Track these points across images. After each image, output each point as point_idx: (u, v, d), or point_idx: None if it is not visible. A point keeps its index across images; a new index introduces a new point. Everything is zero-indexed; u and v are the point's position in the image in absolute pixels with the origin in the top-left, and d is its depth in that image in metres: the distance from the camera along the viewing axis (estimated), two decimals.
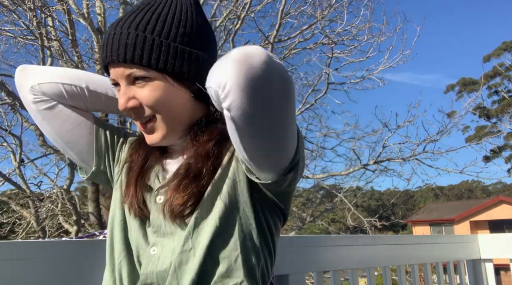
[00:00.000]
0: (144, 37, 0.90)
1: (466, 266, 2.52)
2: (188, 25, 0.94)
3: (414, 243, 2.23)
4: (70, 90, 1.05)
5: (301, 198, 11.96)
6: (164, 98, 0.93)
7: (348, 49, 7.34)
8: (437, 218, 28.16)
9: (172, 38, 0.92)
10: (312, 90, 7.78)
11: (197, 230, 0.90)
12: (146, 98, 0.93)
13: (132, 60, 0.90)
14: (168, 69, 0.91)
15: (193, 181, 0.92)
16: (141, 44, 0.90)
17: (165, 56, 0.90)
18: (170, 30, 0.92)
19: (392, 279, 2.23)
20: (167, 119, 0.96)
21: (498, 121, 31.05)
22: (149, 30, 0.91)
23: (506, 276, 18.61)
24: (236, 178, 0.93)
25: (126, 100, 0.94)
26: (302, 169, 0.96)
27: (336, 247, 1.81)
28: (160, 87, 0.92)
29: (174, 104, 0.94)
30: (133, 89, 0.94)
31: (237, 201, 0.92)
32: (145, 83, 0.92)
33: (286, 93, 0.79)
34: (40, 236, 6.71)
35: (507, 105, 30.45)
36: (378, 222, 9.34)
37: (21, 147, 6.33)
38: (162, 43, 0.90)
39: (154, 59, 0.90)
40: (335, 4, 6.98)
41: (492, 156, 29.41)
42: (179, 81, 0.93)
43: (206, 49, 0.96)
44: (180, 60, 0.92)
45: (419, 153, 8.10)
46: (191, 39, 0.93)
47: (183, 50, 0.92)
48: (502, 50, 33.02)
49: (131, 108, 0.94)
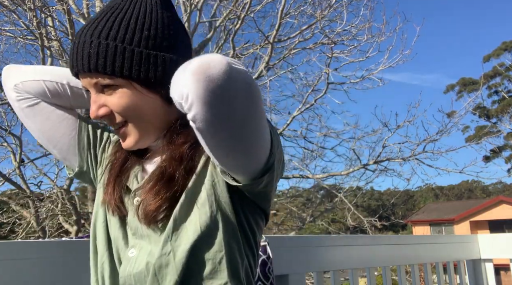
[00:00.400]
0: (107, 44, 0.88)
1: (466, 266, 2.52)
2: (152, 27, 0.91)
3: (414, 243, 2.23)
4: (51, 86, 1.06)
5: (301, 198, 11.95)
6: (132, 104, 0.92)
7: (348, 49, 7.35)
8: (437, 218, 28.16)
9: (136, 43, 0.89)
10: (312, 90, 7.78)
11: (176, 233, 0.90)
12: (115, 106, 0.92)
13: (96, 69, 0.89)
14: (133, 76, 0.89)
15: (167, 185, 0.91)
16: (103, 53, 0.88)
17: (129, 63, 0.89)
18: (133, 35, 0.90)
19: (392, 279, 2.23)
20: (138, 125, 0.95)
21: (498, 121, 31.05)
22: (111, 37, 0.89)
23: (506, 276, 18.61)
24: (214, 180, 0.92)
25: (96, 108, 0.93)
26: (280, 169, 0.96)
27: (336, 247, 1.81)
28: (128, 94, 0.91)
29: (144, 110, 0.93)
30: (103, 96, 0.93)
31: (218, 202, 0.91)
32: (112, 91, 0.92)
33: (250, 100, 0.78)
34: (40, 236, 6.71)
35: (507, 105, 30.45)
36: (378, 222, 9.34)
37: (21, 147, 6.33)
38: (126, 50, 0.89)
39: (117, 67, 0.89)
40: (335, 4, 6.99)
41: (492, 156, 29.41)
42: (147, 86, 0.91)
43: (175, 49, 0.93)
44: (145, 66, 0.90)
45: (419, 153, 8.11)
46: (156, 42, 0.91)
47: (148, 54, 0.90)
48: (502, 50, 33.01)
49: (102, 116, 0.94)
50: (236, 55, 6.81)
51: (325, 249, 1.76)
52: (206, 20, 7.79)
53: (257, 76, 7.11)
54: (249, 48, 7.30)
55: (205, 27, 8.42)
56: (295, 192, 10.97)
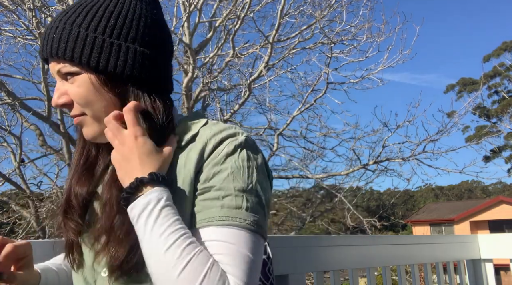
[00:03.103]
0: (70, 30, 0.86)
1: (466, 266, 2.52)
2: (121, 17, 0.88)
3: (414, 243, 2.23)
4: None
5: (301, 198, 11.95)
6: (89, 94, 0.87)
7: (348, 49, 7.36)
8: (437, 218, 28.17)
9: (100, 31, 0.86)
10: (312, 90, 7.79)
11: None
12: (73, 94, 0.89)
13: (56, 54, 0.86)
14: (92, 64, 0.85)
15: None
16: (65, 38, 0.86)
17: (89, 50, 0.85)
18: (99, 22, 0.86)
19: (392, 279, 2.23)
20: (94, 117, 0.89)
21: (498, 121, 31.06)
22: (76, 23, 0.86)
23: (506, 276, 18.61)
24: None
25: (58, 96, 0.90)
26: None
27: (336, 247, 1.81)
28: (85, 83, 0.87)
29: (100, 102, 0.88)
30: (66, 84, 0.90)
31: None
32: (73, 79, 0.88)
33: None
34: (40, 236, 6.71)
35: (507, 105, 30.45)
36: (378, 222, 9.35)
37: (21, 147, 6.33)
38: (87, 36, 0.85)
39: (77, 53, 0.85)
40: (335, 4, 6.99)
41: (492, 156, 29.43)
42: (107, 77, 0.87)
43: (144, 43, 0.89)
44: (106, 54, 0.86)
45: (419, 153, 8.12)
46: (122, 32, 0.87)
47: (111, 43, 0.86)
48: (502, 50, 33.03)
49: (63, 104, 0.90)
50: (236, 55, 6.81)
51: (325, 249, 1.76)
52: (206, 20, 7.79)
53: (257, 76, 7.11)
54: (249, 48, 7.30)
55: (205, 27, 8.43)
56: (295, 192, 10.97)
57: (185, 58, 7.29)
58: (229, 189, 0.81)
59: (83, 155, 0.98)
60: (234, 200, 0.80)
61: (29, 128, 7.02)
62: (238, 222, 0.79)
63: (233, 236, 0.78)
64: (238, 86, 8.08)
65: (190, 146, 0.87)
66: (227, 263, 0.75)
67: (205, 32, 8.32)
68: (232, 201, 0.80)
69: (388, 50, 7.44)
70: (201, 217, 0.81)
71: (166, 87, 0.93)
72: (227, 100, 8.93)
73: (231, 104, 8.78)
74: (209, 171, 0.83)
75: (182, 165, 0.86)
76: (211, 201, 0.81)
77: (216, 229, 0.78)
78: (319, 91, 7.76)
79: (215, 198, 0.81)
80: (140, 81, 0.88)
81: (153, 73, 0.89)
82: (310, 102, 7.78)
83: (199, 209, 0.81)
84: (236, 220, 0.79)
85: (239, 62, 7.69)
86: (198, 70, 7.20)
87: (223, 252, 0.76)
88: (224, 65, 7.51)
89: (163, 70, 0.92)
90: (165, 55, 0.93)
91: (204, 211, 0.81)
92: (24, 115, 6.68)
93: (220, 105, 8.01)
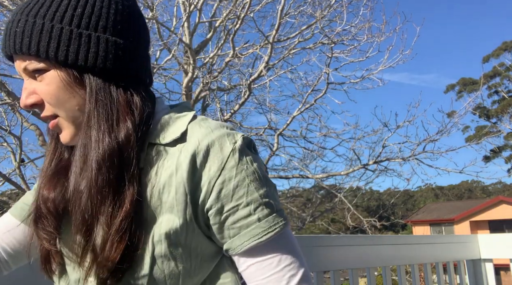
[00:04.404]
0: (33, 22, 0.77)
1: (466, 266, 2.51)
2: (89, 5, 0.79)
3: (414, 243, 2.23)
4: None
5: (301, 198, 11.96)
6: (60, 92, 0.79)
7: (348, 49, 7.35)
8: (437, 218, 28.16)
9: (67, 21, 0.77)
10: (312, 90, 7.78)
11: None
12: (42, 93, 0.80)
13: (20, 50, 0.78)
14: (59, 58, 0.77)
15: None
16: (29, 31, 0.77)
17: (56, 42, 0.77)
18: (64, 12, 0.78)
19: (392, 279, 2.23)
20: (69, 116, 0.81)
21: (498, 121, 31.06)
22: (40, 15, 0.78)
23: (506, 276, 18.61)
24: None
25: (26, 96, 0.82)
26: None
27: (336, 247, 1.81)
28: (55, 80, 0.79)
29: (73, 100, 0.80)
30: (34, 83, 0.81)
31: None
32: (42, 77, 0.80)
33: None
34: None
35: (507, 105, 30.44)
36: (378, 222, 9.35)
37: (21, 147, 6.32)
38: (53, 28, 0.77)
39: (43, 47, 0.77)
40: (335, 4, 6.99)
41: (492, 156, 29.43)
42: (79, 71, 0.79)
43: (116, 32, 0.81)
44: (74, 45, 0.77)
45: (419, 153, 8.11)
46: (91, 21, 0.79)
47: (80, 34, 0.77)
48: (502, 50, 33.02)
49: (32, 105, 0.82)
50: (236, 55, 6.81)
51: (325, 249, 1.76)
52: (206, 20, 7.78)
53: (257, 76, 7.11)
54: (249, 48, 7.30)
55: (205, 27, 8.43)
56: (295, 192, 10.98)
57: (185, 58, 7.30)
58: (256, 200, 0.78)
59: (54, 158, 0.89)
60: (265, 208, 0.79)
61: (29, 128, 7.01)
62: (279, 228, 0.79)
63: (279, 240, 0.80)
64: (238, 86, 8.08)
65: (178, 146, 0.80)
66: (289, 269, 0.80)
67: (205, 32, 8.33)
68: (264, 210, 0.79)
69: (388, 50, 7.45)
70: (244, 238, 0.79)
71: (143, 79, 0.85)
72: (227, 100, 8.94)
73: (231, 104, 8.79)
74: (224, 188, 0.78)
75: (174, 171, 0.78)
76: (245, 219, 0.78)
77: (264, 243, 0.79)
78: (319, 91, 7.76)
79: (247, 215, 0.78)
80: (115, 74, 0.80)
81: (129, 64, 0.81)
82: (310, 102, 7.78)
83: (236, 232, 0.79)
84: (277, 226, 0.79)
85: (239, 62, 7.69)
86: (198, 70, 7.20)
87: (282, 264, 0.80)
88: (224, 65, 7.50)
89: (139, 61, 0.83)
90: (141, 44, 0.85)
91: (243, 232, 0.78)
92: (24, 115, 6.68)
93: (220, 105, 8.01)
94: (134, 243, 0.76)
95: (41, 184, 0.86)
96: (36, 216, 0.84)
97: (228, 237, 0.79)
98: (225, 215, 0.78)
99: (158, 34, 6.75)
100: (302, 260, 0.82)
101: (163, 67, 7.44)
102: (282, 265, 0.79)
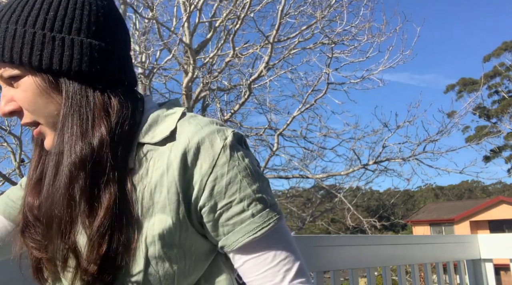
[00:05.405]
0: (6, 28, 0.77)
1: (466, 266, 2.52)
2: (61, 8, 0.78)
3: (414, 243, 2.23)
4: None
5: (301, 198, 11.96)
6: (36, 98, 0.78)
7: (348, 49, 7.35)
8: (437, 218, 28.17)
9: (40, 25, 0.76)
10: (312, 90, 7.79)
11: None
12: (19, 100, 0.79)
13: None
14: (33, 63, 0.76)
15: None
16: (1, 38, 0.77)
17: (29, 47, 0.76)
18: (37, 16, 0.77)
19: (392, 279, 2.23)
20: (49, 122, 0.80)
21: (498, 121, 31.06)
22: (12, 21, 0.77)
23: (506, 276, 18.61)
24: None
25: (4, 103, 0.81)
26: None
27: (336, 247, 1.81)
28: (31, 86, 0.78)
29: (51, 105, 0.79)
30: (12, 90, 0.80)
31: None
32: (18, 83, 0.79)
33: None
34: None
35: (507, 105, 30.45)
36: (378, 222, 9.36)
37: (21, 147, 6.32)
38: (26, 33, 0.76)
39: (16, 53, 0.76)
40: (335, 4, 6.99)
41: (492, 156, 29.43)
42: (54, 75, 0.77)
43: (91, 34, 0.79)
44: (48, 51, 0.76)
45: (419, 153, 8.12)
46: (64, 24, 0.77)
47: (53, 37, 0.76)
48: (502, 50, 33.01)
49: (11, 112, 0.81)
50: (236, 55, 6.82)
51: (325, 249, 1.76)
52: (206, 20, 7.79)
53: (257, 76, 7.11)
54: (249, 48, 7.30)
55: (205, 27, 8.43)
56: (295, 192, 10.98)
57: (185, 58, 7.30)
58: (249, 196, 0.78)
59: (39, 165, 0.87)
60: (258, 203, 0.79)
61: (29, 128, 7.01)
62: (273, 223, 0.79)
63: (273, 235, 0.80)
64: (238, 86, 8.08)
65: (168, 145, 0.79)
66: (285, 263, 0.80)
67: (205, 32, 8.33)
68: (257, 205, 0.78)
69: (389, 51, 7.46)
70: (239, 235, 0.78)
71: (122, 80, 0.83)
72: (227, 100, 8.95)
73: (231, 104, 8.79)
74: (216, 185, 0.77)
75: (165, 170, 0.78)
76: (239, 215, 0.78)
77: (259, 239, 0.79)
78: (319, 91, 7.77)
79: (241, 211, 0.78)
80: (91, 77, 0.78)
81: (106, 66, 0.79)
82: (310, 102, 7.78)
83: (230, 229, 0.78)
84: (271, 220, 0.79)
85: (239, 62, 7.69)
86: (198, 70, 7.20)
87: (277, 259, 0.80)
88: (224, 65, 7.51)
89: (116, 62, 0.81)
90: (118, 45, 0.83)
91: (237, 228, 0.78)
92: None
93: (220, 105, 8.01)
94: (116, 246, 0.76)
95: (27, 191, 0.85)
96: (24, 224, 0.83)
97: (222, 234, 0.79)
98: (219, 212, 0.78)
99: (158, 34, 6.75)
100: (297, 254, 0.81)
101: (163, 67, 7.45)
102: (277, 259, 0.79)
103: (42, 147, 0.87)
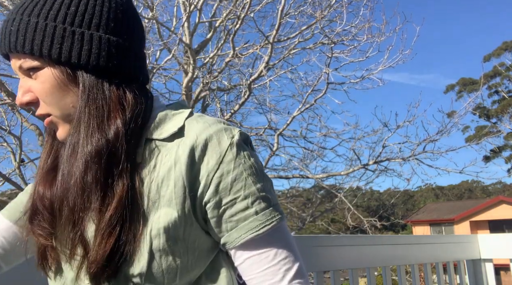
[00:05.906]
0: (28, 21, 0.79)
1: (466, 266, 2.52)
2: (82, 3, 0.80)
3: (414, 243, 2.23)
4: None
5: (301, 198, 11.96)
6: (54, 90, 0.80)
7: (348, 49, 7.35)
8: (437, 218, 28.17)
9: (61, 19, 0.79)
10: (312, 90, 7.79)
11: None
12: (37, 91, 0.82)
13: (15, 48, 0.80)
14: (53, 56, 0.78)
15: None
16: (23, 30, 0.79)
17: (50, 40, 0.78)
18: (58, 10, 0.79)
19: (392, 279, 2.23)
20: (63, 115, 0.82)
21: (498, 121, 31.06)
22: (34, 14, 0.79)
23: (506, 276, 18.62)
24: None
25: (21, 94, 0.83)
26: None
27: (336, 247, 1.81)
28: (49, 78, 0.80)
29: (67, 97, 0.81)
30: (29, 81, 0.83)
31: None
32: (36, 75, 0.81)
33: None
34: None
35: (507, 105, 30.45)
36: (378, 222, 9.36)
37: (21, 147, 6.32)
38: (47, 26, 0.78)
39: (37, 45, 0.78)
40: (335, 4, 6.99)
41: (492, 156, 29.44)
42: (72, 68, 0.80)
43: (110, 30, 0.81)
44: (68, 44, 0.78)
45: (419, 153, 8.12)
46: (84, 19, 0.80)
47: (73, 32, 0.79)
48: (502, 50, 33.01)
49: (28, 103, 0.83)
50: (236, 55, 6.82)
51: (325, 249, 1.76)
52: (206, 20, 7.79)
53: (257, 76, 7.11)
54: (249, 48, 7.30)
55: (205, 27, 8.43)
56: (295, 192, 10.98)
57: (185, 58, 7.30)
58: (254, 194, 0.79)
59: (51, 155, 0.89)
60: (262, 201, 0.80)
61: (29, 128, 7.02)
62: (275, 221, 0.80)
63: (275, 234, 0.81)
64: (238, 86, 8.08)
65: (176, 141, 0.81)
66: (285, 263, 0.81)
67: (205, 32, 8.33)
68: (261, 203, 0.80)
69: (388, 50, 7.45)
70: (242, 231, 0.79)
71: (137, 76, 0.85)
72: (227, 100, 8.95)
73: (231, 104, 8.79)
74: (222, 182, 0.78)
75: (172, 165, 0.79)
76: (243, 212, 0.79)
77: (261, 236, 0.80)
78: (319, 91, 7.77)
79: (245, 208, 0.79)
80: (108, 72, 0.81)
81: (122, 62, 0.82)
82: (310, 102, 7.78)
83: (233, 225, 0.80)
84: (274, 219, 0.80)
85: (239, 62, 7.69)
86: (198, 70, 7.20)
87: (278, 258, 0.80)
88: (224, 65, 7.51)
89: (132, 58, 0.84)
90: (134, 42, 0.85)
91: (240, 225, 0.79)
92: (24, 115, 6.68)
93: (220, 105, 8.02)
94: (125, 238, 0.77)
95: (38, 180, 0.87)
96: (32, 212, 0.85)
97: (226, 231, 0.80)
98: (223, 208, 0.79)
99: (158, 34, 6.75)
100: (297, 254, 0.83)
101: (163, 67, 7.44)
102: (278, 258, 0.80)
103: (54, 137, 0.88)
